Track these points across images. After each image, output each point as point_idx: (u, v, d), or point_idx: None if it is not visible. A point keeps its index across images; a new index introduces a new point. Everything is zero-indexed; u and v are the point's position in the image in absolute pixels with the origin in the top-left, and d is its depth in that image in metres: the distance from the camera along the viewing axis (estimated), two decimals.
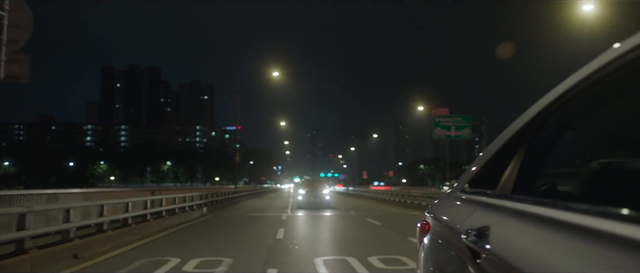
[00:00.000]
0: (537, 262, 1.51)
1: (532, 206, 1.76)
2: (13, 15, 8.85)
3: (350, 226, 18.80)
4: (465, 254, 2.05)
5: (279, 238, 14.01)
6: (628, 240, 1.17)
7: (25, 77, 8.93)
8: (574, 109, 1.95)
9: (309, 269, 9.08)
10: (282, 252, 11.37)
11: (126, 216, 14.62)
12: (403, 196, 39.10)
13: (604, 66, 1.59)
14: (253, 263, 9.63)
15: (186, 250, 11.51)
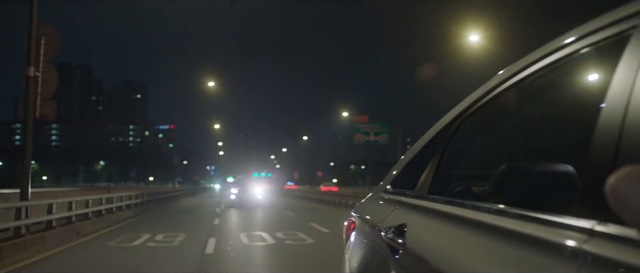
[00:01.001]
0: (446, 256, 1.67)
1: (445, 206, 1.92)
2: (45, 75, 13.58)
3: (270, 216, 24.05)
4: (385, 250, 2.17)
5: (216, 224, 19.35)
6: (519, 235, 1.32)
7: (53, 115, 13.97)
8: (481, 119, 2.17)
9: (235, 237, 14.18)
10: (218, 230, 16.84)
11: (100, 208, 19.31)
12: (322, 194, 41.97)
13: (494, 87, 1.88)
14: (199, 235, 14.60)
15: (150, 230, 15.88)
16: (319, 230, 16.46)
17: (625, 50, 1.22)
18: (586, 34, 1.42)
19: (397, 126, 52.74)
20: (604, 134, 1.17)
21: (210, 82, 51.29)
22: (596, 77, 1.51)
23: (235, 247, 12.44)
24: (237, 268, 9.75)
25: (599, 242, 1.04)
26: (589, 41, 1.41)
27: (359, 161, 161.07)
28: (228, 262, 10.43)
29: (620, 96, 1.16)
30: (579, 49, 1.46)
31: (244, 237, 14.15)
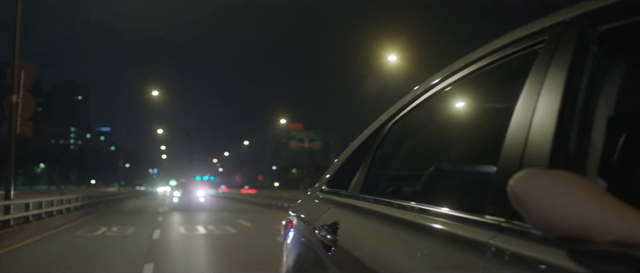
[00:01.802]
0: (372, 251, 1.76)
1: (374, 205, 2.01)
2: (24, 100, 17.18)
3: (206, 214, 27.68)
4: (319, 247, 2.22)
5: (160, 221, 22.97)
6: (438, 231, 1.40)
7: (30, 133, 17.67)
8: (410, 123, 2.26)
9: (176, 229, 18.10)
10: (162, 225, 20.42)
11: (62, 207, 22.77)
12: (266, 198, 43.01)
13: (421, 93, 2.00)
14: (147, 228, 18.46)
15: (106, 224, 19.43)
16: (244, 224, 20.74)
17: (534, 63, 1.31)
18: (502, 46, 1.54)
19: (331, 132, 56.79)
20: (513, 139, 1.26)
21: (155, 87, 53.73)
22: (511, 87, 1.51)
23: (175, 235, 16.40)
24: (176, 248, 13.56)
25: (504, 237, 1.12)
26: (504, 52, 1.53)
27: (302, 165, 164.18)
28: (170, 244, 14.34)
29: (528, 105, 1.25)
30: (496, 60, 1.57)
31: (182, 229, 18.10)
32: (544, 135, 1.16)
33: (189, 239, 15.27)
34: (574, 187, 0.92)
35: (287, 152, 68.00)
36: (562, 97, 1.16)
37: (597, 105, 1.16)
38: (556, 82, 1.20)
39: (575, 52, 1.19)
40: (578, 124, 1.14)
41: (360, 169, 2.40)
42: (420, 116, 2.21)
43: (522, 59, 1.42)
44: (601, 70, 1.18)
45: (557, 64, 1.23)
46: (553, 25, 1.33)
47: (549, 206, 0.92)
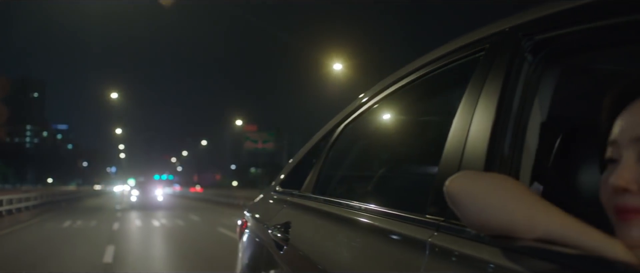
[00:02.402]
0: (321, 250, 1.79)
1: (324, 205, 2.06)
2: None
3: (161, 211, 29.25)
4: (272, 246, 2.24)
5: (119, 216, 24.98)
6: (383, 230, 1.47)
7: (3, 137, 20.25)
8: (361, 125, 2.32)
9: (133, 222, 20.83)
10: (121, 220, 22.32)
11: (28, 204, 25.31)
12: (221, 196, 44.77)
13: (373, 96, 2.04)
14: (108, 222, 20.58)
15: (70, 218, 21.62)
16: (193, 219, 23.10)
17: (474, 70, 1.36)
18: (446, 54, 1.59)
19: (284, 134, 59.34)
20: (453, 143, 1.31)
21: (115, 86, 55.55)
22: (455, 93, 1.56)
23: (132, 227, 19.02)
24: (133, 236, 15.95)
25: (442, 236, 1.16)
26: (448, 60, 1.58)
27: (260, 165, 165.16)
28: (128, 233, 16.71)
29: (467, 110, 1.31)
30: (441, 66, 1.62)
31: (138, 222, 20.82)
32: (481, 139, 1.21)
33: (143, 230, 17.86)
34: (503, 188, 0.98)
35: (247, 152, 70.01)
36: (498, 103, 1.21)
37: (531, 111, 1.21)
38: (493, 89, 1.25)
39: (512, 60, 1.24)
40: (513, 128, 1.19)
41: (312, 170, 2.42)
42: (370, 120, 2.26)
43: (465, 66, 1.46)
44: (536, 77, 1.22)
45: (495, 71, 1.28)
46: (493, 35, 1.38)
47: (480, 206, 0.97)
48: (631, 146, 0.89)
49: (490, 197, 0.97)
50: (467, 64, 1.45)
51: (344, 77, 34.36)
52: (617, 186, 0.87)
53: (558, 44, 1.21)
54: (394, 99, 2.00)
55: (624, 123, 0.92)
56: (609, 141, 0.94)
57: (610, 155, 0.93)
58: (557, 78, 1.28)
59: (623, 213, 0.88)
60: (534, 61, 1.23)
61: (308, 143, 2.69)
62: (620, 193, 0.88)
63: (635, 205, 0.86)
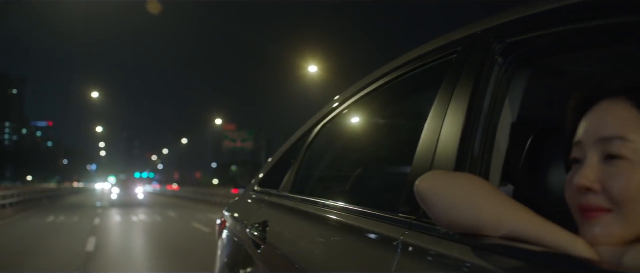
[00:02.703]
0: (298, 249, 1.81)
1: (301, 204, 2.07)
2: None
3: (139, 208, 30.08)
4: (250, 245, 2.24)
5: (100, 212, 25.55)
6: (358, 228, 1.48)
7: None
8: (339, 125, 2.34)
9: (113, 218, 22.08)
10: (102, 215, 23.14)
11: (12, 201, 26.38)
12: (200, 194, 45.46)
13: (349, 96, 2.09)
14: (89, 217, 21.37)
15: (53, 214, 22.69)
16: (170, 215, 24.07)
17: (447, 72, 1.38)
18: (420, 56, 1.61)
19: (264, 133, 60.43)
20: (425, 143, 1.33)
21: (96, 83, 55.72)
22: (428, 94, 1.55)
23: (112, 221, 20.26)
24: (113, 229, 17.07)
25: (413, 233, 1.18)
26: (422, 61, 1.60)
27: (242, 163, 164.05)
28: (108, 228, 17.45)
29: (440, 111, 1.32)
30: (415, 68, 1.64)
31: (118, 217, 22.06)
32: (451, 139, 1.23)
33: (123, 224, 19.13)
34: (471, 187, 1.00)
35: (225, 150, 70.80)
36: (468, 104, 1.23)
37: (501, 112, 1.23)
38: (464, 90, 1.27)
39: (483, 62, 1.26)
40: (483, 129, 1.20)
41: (290, 169, 2.44)
42: (346, 120, 2.28)
43: (438, 68, 1.47)
44: (506, 79, 1.24)
45: (466, 73, 1.29)
46: (465, 38, 1.40)
47: (448, 205, 0.99)
48: (594, 147, 0.91)
49: (458, 196, 0.99)
50: (440, 67, 1.47)
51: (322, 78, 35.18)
52: (581, 185, 0.89)
53: (528, 47, 1.23)
54: (369, 101, 2.02)
55: (588, 125, 0.94)
56: (574, 141, 0.96)
57: (574, 155, 0.95)
58: (527, 80, 1.29)
59: (586, 211, 0.90)
60: (505, 63, 1.25)
61: (286, 143, 2.71)
62: (583, 192, 0.90)
63: (597, 203, 0.88)
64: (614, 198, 0.87)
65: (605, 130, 0.90)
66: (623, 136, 0.88)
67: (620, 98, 0.92)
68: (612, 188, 0.87)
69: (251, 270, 2.24)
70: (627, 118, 0.89)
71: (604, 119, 0.92)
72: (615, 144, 0.88)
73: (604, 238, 0.87)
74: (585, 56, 1.33)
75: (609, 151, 0.89)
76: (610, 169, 0.88)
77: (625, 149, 0.87)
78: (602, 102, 0.94)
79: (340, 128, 2.41)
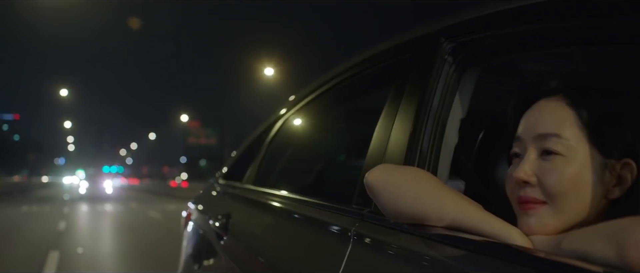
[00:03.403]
0: (258, 240, 1.83)
1: (263, 196, 2.10)
2: None
3: (105, 200, 32.29)
4: (213, 237, 2.26)
5: (69, 204, 27.27)
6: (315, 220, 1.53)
7: None
8: (301, 120, 2.36)
9: (81, 208, 24.68)
10: (71, 206, 25.04)
11: None
12: (160, 188, 48.40)
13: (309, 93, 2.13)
14: (60, 208, 23.13)
15: (27, 205, 24.71)
16: (132, 205, 26.41)
17: (399, 71, 1.42)
18: (375, 55, 1.65)
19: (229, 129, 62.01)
20: (378, 138, 1.37)
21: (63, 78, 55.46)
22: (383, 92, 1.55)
23: (80, 210, 22.44)
24: (81, 216, 19.48)
25: (365, 224, 1.22)
26: (377, 60, 1.64)
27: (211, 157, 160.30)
28: (77, 214, 20.15)
29: (392, 108, 1.36)
30: (371, 66, 1.67)
31: (85, 208, 24.80)
32: (402, 135, 1.26)
33: (89, 212, 21.78)
34: (417, 180, 1.03)
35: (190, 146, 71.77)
36: (419, 102, 1.26)
37: (451, 109, 1.26)
38: (415, 89, 1.30)
39: (434, 61, 1.29)
40: (432, 126, 1.23)
41: (253, 163, 2.47)
42: (307, 117, 2.31)
43: (392, 67, 1.50)
44: (456, 77, 1.27)
45: (418, 72, 1.32)
46: (417, 38, 1.42)
47: (395, 197, 1.02)
48: (533, 143, 0.95)
49: (404, 188, 1.02)
50: (394, 66, 1.49)
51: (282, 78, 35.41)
52: (519, 179, 0.94)
53: (477, 47, 1.25)
54: (327, 98, 2.05)
55: (527, 122, 0.98)
56: (515, 137, 1.00)
57: (515, 151, 0.99)
58: (477, 78, 1.31)
59: (524, 203, 0.94)
60: (454, 62, 1.27)
61: (249, 138, 2.73)
62: (522, 185, 0.94)
63: (533, 196, 0.93)
64: (548, 192, 0.91)
65: (542, 127, 0.94)
66: (558, 134, 0.92)
67: (557, 97, 0.96)
68: (547, 182, 0.91)
69: (214, 261, 2.23)
70: (563, 116, 0.93)
71: (542, 117, 0.96)
72: (551, 140, 0.92)
73: (539, 228, 0.91)
74: (539, 55, 1.30)
75: (545, 147, 0.93)
76: (546, 164, 0.92)
77: (559, 146, 0.91)
78: (541, 101, 0.99)
79: (300, 124, 2.42)
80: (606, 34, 0.97)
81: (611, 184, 0.92)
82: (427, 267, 0.96)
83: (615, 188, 0.92)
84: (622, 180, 0.92)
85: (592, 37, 1.01)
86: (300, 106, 2.24)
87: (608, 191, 0.92)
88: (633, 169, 0.92)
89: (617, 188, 0.92)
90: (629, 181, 0.92)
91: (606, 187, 0.92)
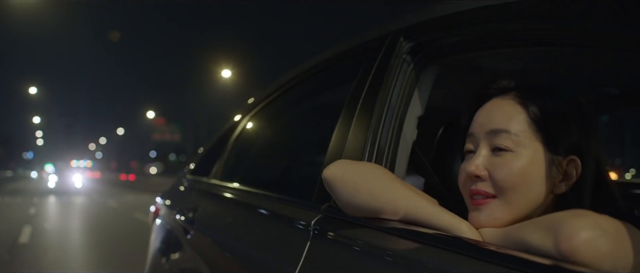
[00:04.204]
0: (223, 233, 1.83)
1: (228, 191, 2.10)
2: None
3: (74, 193, 32.94)
4: (180, 232, 2.26)
5: (38, 195, 28.47)
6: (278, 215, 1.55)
7: None
8: (266, 117, 2.38)
9: (50, 199, 24.72)
10: (40, 197, 26.58)
11: None
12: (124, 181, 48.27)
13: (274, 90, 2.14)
14: (30, 199, 24.39)
15: None
16: (93, 196, 27.87)
17: (360, 70, 1.44)
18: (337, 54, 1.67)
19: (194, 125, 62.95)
20: (338, 135, 1.38)
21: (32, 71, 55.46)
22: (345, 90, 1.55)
23: (48, 201, 23.59)
24: (49, 205, 20.84)
25: (324, 218, 1.24)
26: (339, 59, 1.66)
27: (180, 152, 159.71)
28: (45, 203, 21.42)
29: (352, 106, 1.37)
30: (334, 65, 1.70)
31: (53, 199, 24.75)
32: (361, 132, 1.27)
33: (56, 201, 23.41)
34: (372, 175, 1.05)
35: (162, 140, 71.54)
36: (377, 100, 1.28)
37: (409, 106, 1.28)
38: (374, 86, 1.31)
39: (392, 60, 1.30)
40: (390, 123, 1.25)
41: (220, 159, 2.46)
42: (271, 114, 2.32)
43: (353, 66, 1.51)
44: (415, 76, 1.29)
45: (377, 71, 1.34)
46: (377, 38, 1.44)
47: (351, 191, 1.04)
48: (485, 139, 0.97)
49: (360, 184, 1.04)
50: (354, 64, 1.50)
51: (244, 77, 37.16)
52: (471, 173, 0.96)
53: (435, 46, 1.28)
54: (292, 96, 2.07)
55: (480, 119, 1.01)
56: (468, 134, 1.02)
57: (468, 146, 1.01)
58: (435, 77, 1.33)
59: (475, 199, 0.97)
60: (413, 61, 1.29)
61: (217, 134, 2.72)
62: (473, 179, 0.97)
63: (484, 189, 0.95)
64: (498, 186, 0.93)
65: (494, 124, 0.96)
66: (508, 130, 0.94)
67: (509, 96, 0.99)
68: (497, 176, 0.94)
69: (181, 255, 2.22)
70: (514, 113, 0.96)
71: (494, 114, 0.98)
72: (502, 137, 0.94)
73: (489, 221, 0.94)
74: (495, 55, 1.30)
75: (496, 143, 0.95)
76: (496, 160, 0.94)
77: (509, 142, 0.93)
78: (493, 99, 1.01)
79: (266, 122, 2.44)
80: (557, 36, 1.00)
81: (558, 179, 0.95)
82: (382, 259, 0.98)
83: (561, 184, 0.95)
84: (567, 175, 0.95)
85: (543, 39, 1.04)
86: (265, 103, 2.26)
87: (555, 186, 0.95)
88: (578, 165, 0.95)
89: (563, 184, 0.95)
90: (574, 177, 0.95)
91: (553, 182, 0.95)
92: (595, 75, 1.48)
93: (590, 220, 0.72)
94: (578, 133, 0.96)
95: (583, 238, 0.69)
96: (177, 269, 2.26)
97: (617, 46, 0.95)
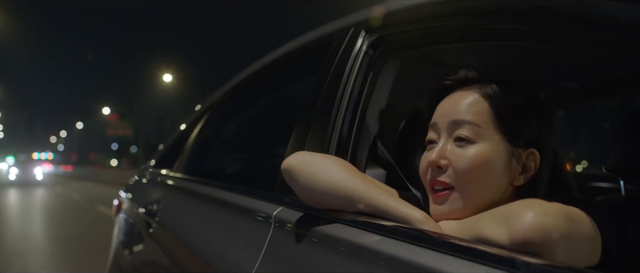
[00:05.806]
0: (185, 226, 1.82)
1: (191, 183, 2.08)
2: None
3: (36, 185, 32.29)
4: (143, 225, 2.22)
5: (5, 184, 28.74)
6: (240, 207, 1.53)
7: None
8: (228, 110, 2.39)
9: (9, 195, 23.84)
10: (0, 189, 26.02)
11: None
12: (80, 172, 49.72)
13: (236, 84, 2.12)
14: None
15: None
16: (50, 186, 28.93)
17: (323, 62, 1.42)
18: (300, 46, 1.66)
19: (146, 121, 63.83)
20: (300, 129, 1.38)
21: None
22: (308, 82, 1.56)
23: (9, 192, 23.49)
24: (8, 194, 21.51)
25: (285, 210, 1.24)
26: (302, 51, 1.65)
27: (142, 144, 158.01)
28: (6, 194, 21.68)
29: (315, 97, 1.37)
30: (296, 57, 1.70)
31: (14, 193, 24.19)
32: (323, 125, 1.27)
33: (16, 193, 23.63)
34: (331, 167, 1.04)
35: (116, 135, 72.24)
36: (339, 92, 1.27)
37: (370, 99, 1.27)
38: (336, 79, 1.30)
39: (354, 53, 1.30)
40: (351, 115, 1.25)
41: (182, 152, 2.44)
42: (233, 108, 2.31)
43: (315, 58, 1.50)
44: (377, 69, 1.28)
45: (339, 64, 1.33)
46: (338, 31, 1.43)
47: (310, 183, 1.03)
48: (446, 130, 0.97)
49: (319, 175, 1.03)
50: (316, 57, 1.50)
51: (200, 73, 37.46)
52: (432, 162, 0.96)
53: (397, 39, 1.27)
54: (255, 88, 2.05)
55: (442, 110, 1.00)
56: (430, 125, 1.02)
57: (430, 137, 1.01)
58: (398, 70, 1.33)
59: (435, 190, 0.97)
60: (375, 54, 1.28)
61: (178, 128, 2.70)
62: (434, 169, 0.96)
63: (444, 180, 0.95)
64: (458, 176, 0.93)
65: (456, 115, 0.96)
66: (470, 121, 0.94)
67: (471, 88, 0.99)
68: (457, 167, 0.93)
69: (144, 248, 2.19)
70: (475, 105, 0.96)
71: (456, 105, 0.98)
72: (464, 128, 0.94)
73: (448, 213, 0.94)
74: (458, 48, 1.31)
75: (457, 133, 0.95)
76: (457, 150, 0.94)
77: (471, 133, 0.93)
78: (456, 91, 1.01)
79: (228, 115, 2.44)
80: (517, 33, 1.01)
81: (517, 171, 0.95)
82: (341, 250, 0.98)
83: (520, 176, 0.95)
84: (526, 168, 0.96)
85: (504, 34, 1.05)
86: (228, 97, 2.24)
87: (514, 178, 0.95)
88: (537, 158, 0.96)
89: (522, 176, 0.95)
90: (533, 169, 0.96)
91: (512, 174, 0.95)
92: (556, 70, 1.49)
93: (540, 208, 0.73)
94: (538, 126, 0.97)
95: (534, 226, 0.70)
96: (139, 262, 2.23)
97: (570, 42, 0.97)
